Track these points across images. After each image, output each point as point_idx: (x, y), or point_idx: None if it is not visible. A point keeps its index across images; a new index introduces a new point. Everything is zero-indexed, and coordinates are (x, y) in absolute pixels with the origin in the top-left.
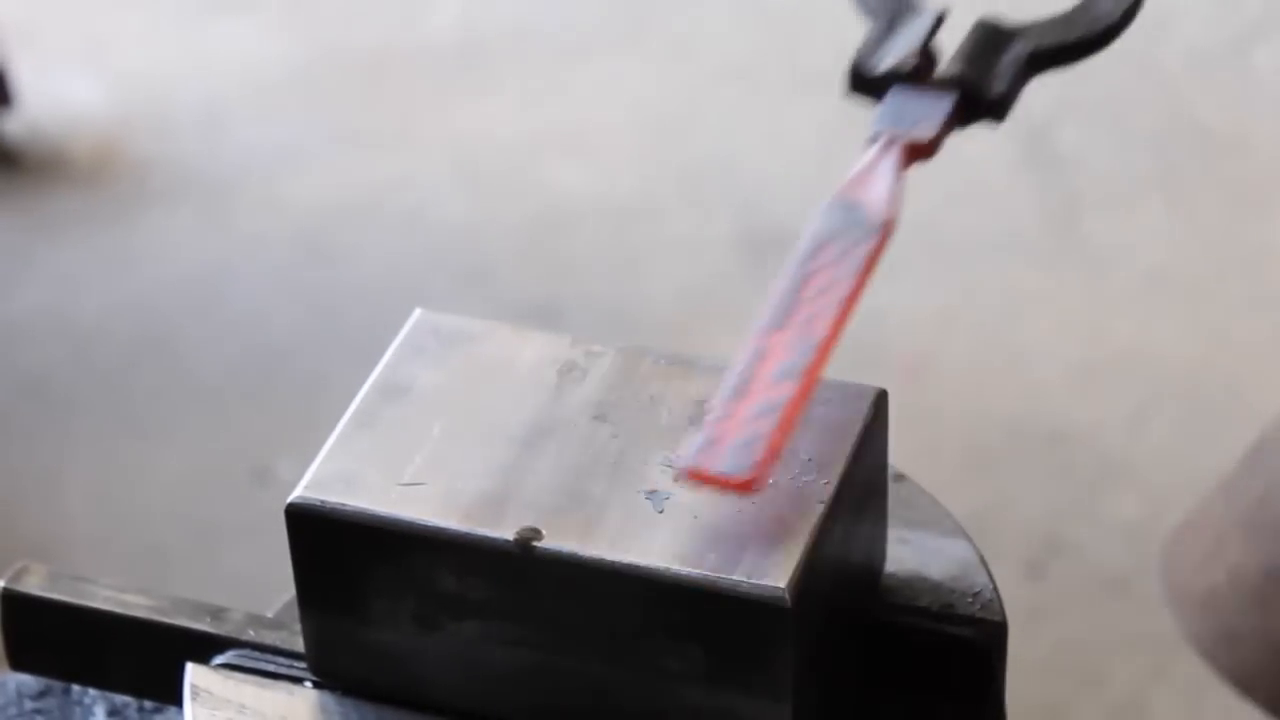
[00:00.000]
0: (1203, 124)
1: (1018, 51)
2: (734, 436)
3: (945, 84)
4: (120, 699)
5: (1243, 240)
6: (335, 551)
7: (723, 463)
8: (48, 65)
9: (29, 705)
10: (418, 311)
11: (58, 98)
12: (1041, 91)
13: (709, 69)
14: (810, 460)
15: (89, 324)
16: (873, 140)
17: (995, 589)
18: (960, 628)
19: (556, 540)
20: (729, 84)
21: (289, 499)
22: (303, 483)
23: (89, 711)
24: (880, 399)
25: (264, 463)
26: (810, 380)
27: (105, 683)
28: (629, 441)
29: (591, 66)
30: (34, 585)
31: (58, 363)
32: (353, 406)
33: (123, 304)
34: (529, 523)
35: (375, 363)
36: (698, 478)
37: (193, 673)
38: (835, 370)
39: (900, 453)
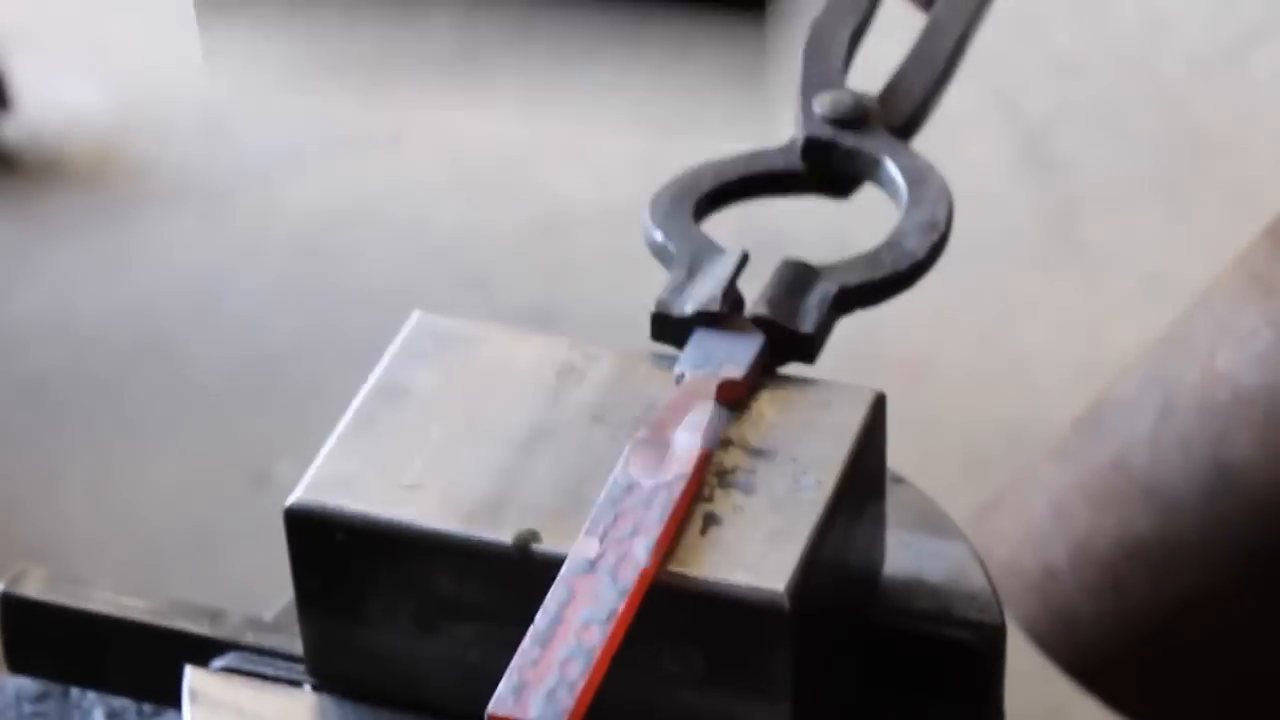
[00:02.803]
0: (1201, 128)
1: (824, 291)
2: (543, 683)
3: (751, 325)
4: (119, 702)
5: (1241, 243)
6: (334, 554)
7: (533, 712)
8: (46, 68)
9: (28, 708)
10: (416, 314)
11: (56, 101)
12: (1040, 95)
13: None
14: (808, 463)
15: (87, 327)
16: (678, 382)
17: (994, 591)
18: (958, 630)
19: (555, 542)
20: (728, 84)
21: (287, 501)
22: (301, 485)
23: (87, 714)
24: (878, 402)
25: (262, 465)
26: (620, 627)
27: (104, 685)
28: (628, 444)
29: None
30: (32, 588)
31: (55, 366)
32: (351, 409)
33: (121, 307)
34: (528, 525)
35: (373, 366)
36: None
37: (191, 676)
38: (834, 373)
39: (899, 455)
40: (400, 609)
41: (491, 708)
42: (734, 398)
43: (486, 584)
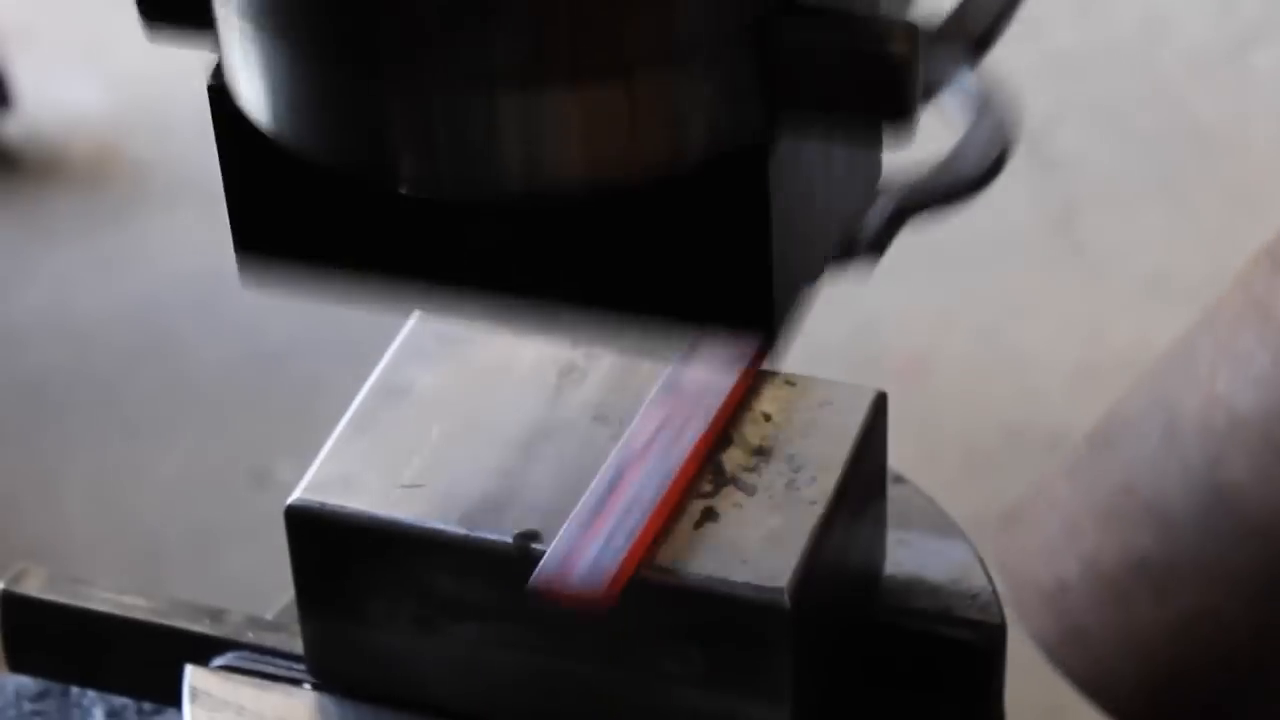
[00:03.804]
0: (1202, 126)
1: (883, 206)
2: (588, 553)
3: None
4: (119, 701)
5: (1241, 242)
6: (334, 553)
7: (576, 580)
8: (47, 67)
9: (28, 707)
10: (416, 314)
11: (57, 100)
12: (1041, 93)
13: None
14: (809, 462)
15: (87, 326)
16: None
17: (994, 591)
18: (959, 630)
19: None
20: None
21: (288, 501)
22: (302, 484)
23: (88, 713)
24: (879, 401)
25: (262, 465)
26: (669, 500)
27: (104, 684)
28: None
29: None
30: (33, 587)
31: (56, 365)
32: (352, 408)
33: (121, 306)
34: (529, 524)
35: (374, 365)
36: (550, 594)
37: (192, 674)
38: (834, 373)
39: (899, 455)
40: (400, 608)
41: (536, 575)
42: None
43: (487, 583)
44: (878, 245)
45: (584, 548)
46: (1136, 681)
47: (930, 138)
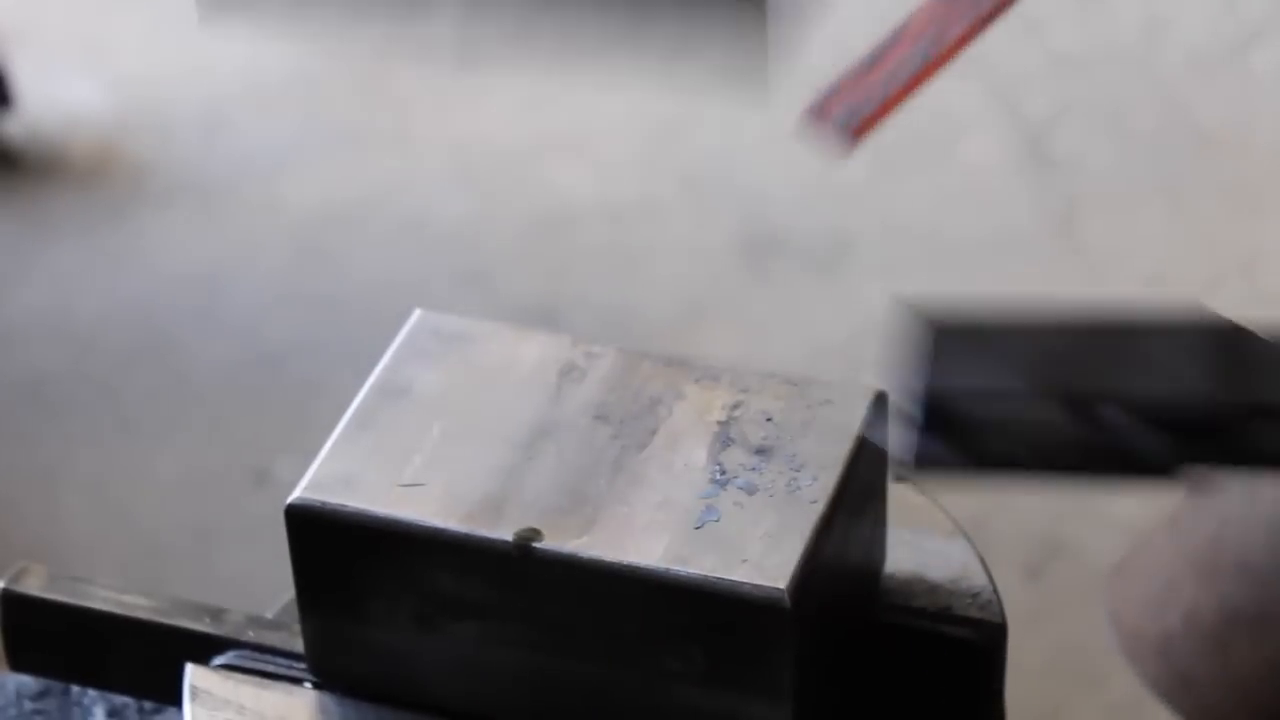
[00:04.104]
0: (1201, 126)
1: None
2: (852, 97)
3: None
4: (119, 699)
5: (1241, 242)
6: (335, 552)
7: (836, 117)
8: (47, 67)
9: (28, 705)
10: (417, 312)
11: (57, 99)
12: (1041, 94)
13: (709, 69)
14: (810, 461)
15: (87, 325)
16: None
17: (995, 590)
18: (959, 629)
19: (556, 541)
20: (729, 84)
21: (288, 500)
22: (302, 483)
23: (88, 712)
24: (880, 400)
25: (262, 464)
26: (928, 70)
27: (104, 683)
28: (629, 442)
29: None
30: (33, 586)
31: (55, 364)
32: (352, 407)
33: (121, 305)
34: (529, 523)
35: (374, 364)
36: (814, 119)
37: (192, 673)
38: (834, 373)
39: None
40: (401, 607)
41: (809, 106)
42: None
43: (487, 582)
44: None
45: (851, 88)
46: None
47: None
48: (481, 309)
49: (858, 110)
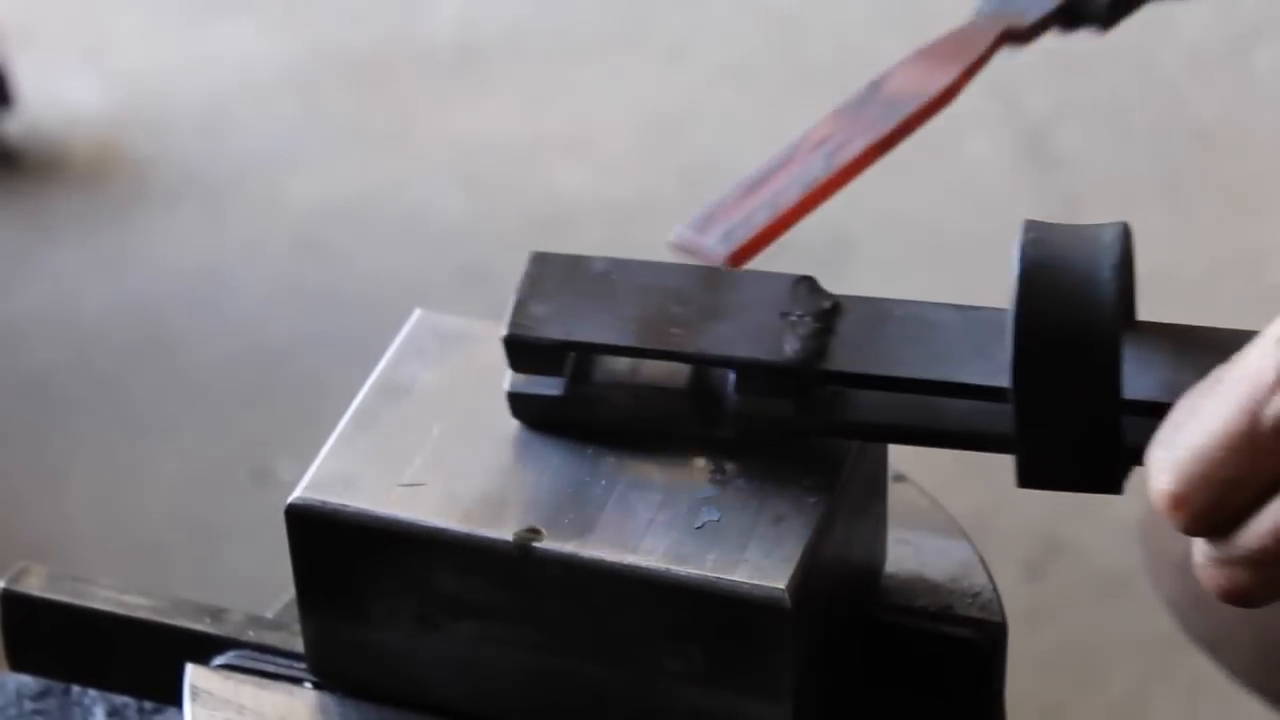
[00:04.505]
0: (1202, 125)
1: None
2: (728, 219)
3: None
4: (120, 699)
5: (1242, 241)
6: (335, 552)
7: (709, 239)
8: (47, 65)
9: (29, 706)
10: (418, 311)
11: (57, 98)
12: (1041, 93)
13: (708, 69)
14: (810, 460)
15: (88, 324)
16: (973, 18)
17: (995, 589)
18: (960, 628)
19: (556, 540)
20: (728, 83)
21: (289, 499)
22: (303, 483)
23: (89, 712)
24: None
25: (263, 463)
26: (814, 196)
27: (105, 683)
28: (629, 441)
29: (591, 66)
30: (34, 585)
31: (57, 363)
32: (352, 407)
33: (122, 304)
34: (529, 523)
35: (375, 363)
36: (683, 249)
37: (192, 673)
38: None
39: (900, 453)
40: (401, 607)
41: (676, 233)
42: (1015, 41)
43: (487, 582)
44: (1112, 15)
45: (728, 213)
46: (1250, 644)
47: None
48: (482, 307)
49: (735, 233)
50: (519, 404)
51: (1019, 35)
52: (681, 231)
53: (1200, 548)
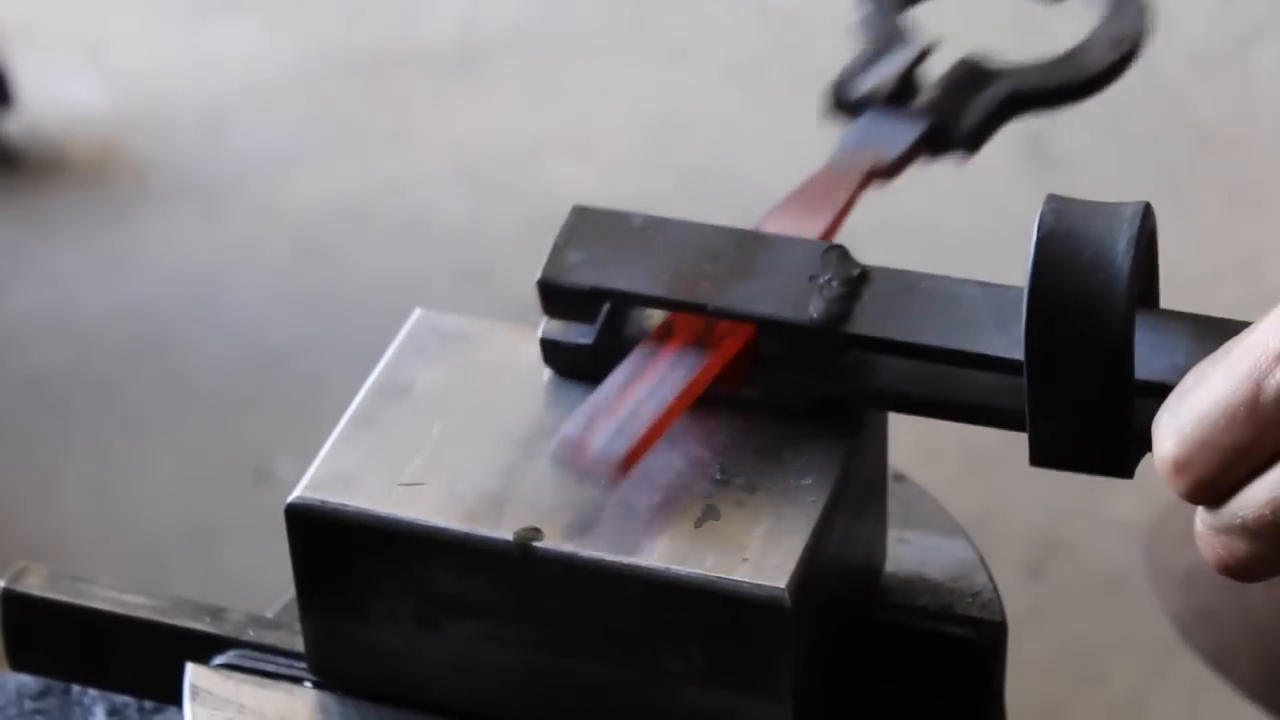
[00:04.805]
0: (1202, 125)
1: (996, 91)
2: (612, 420)
3: (918, 112)
4: (120, 699)
5: (1242, 240)
6: (335, 551)
7: (597, 450)
8: (47, 65)
9: (29, 705)
10: (418, 311)
11: (57, 98)
12: None
13: (709, 69)
14: (810, 459)
15: (88, 324)
16: (835, 157)
17: (995, 589)
18: (960, 628)
19: (556, 540)
20: (729, 84)
21: (289, 499)
22: (303, 483)
23: (89, 711)
24: None
25: (263, 463)
26: (697, 387)
27: (105, 683)
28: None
29: (591, 67)
30: (34, 585)
31: (56, 363)
32: (352, 406)
33: (122, 304)
34: (529, 523)
35: (375, 363)
36: (568, 460)
37: (192, 673)
38: None
39: (900, 453)
40: (401, 606)
41: (561, 434)
42: (881, 177)
43: (487, 582)
44: (980, 131)
45: (613, 411)
46: (1253, 657)
47: (1053, 30)
48: (482, 307)
49: (619, 439)
50: (550, 350)
51: (884, 172)
52: (567, 433)
53: (1201, 515)
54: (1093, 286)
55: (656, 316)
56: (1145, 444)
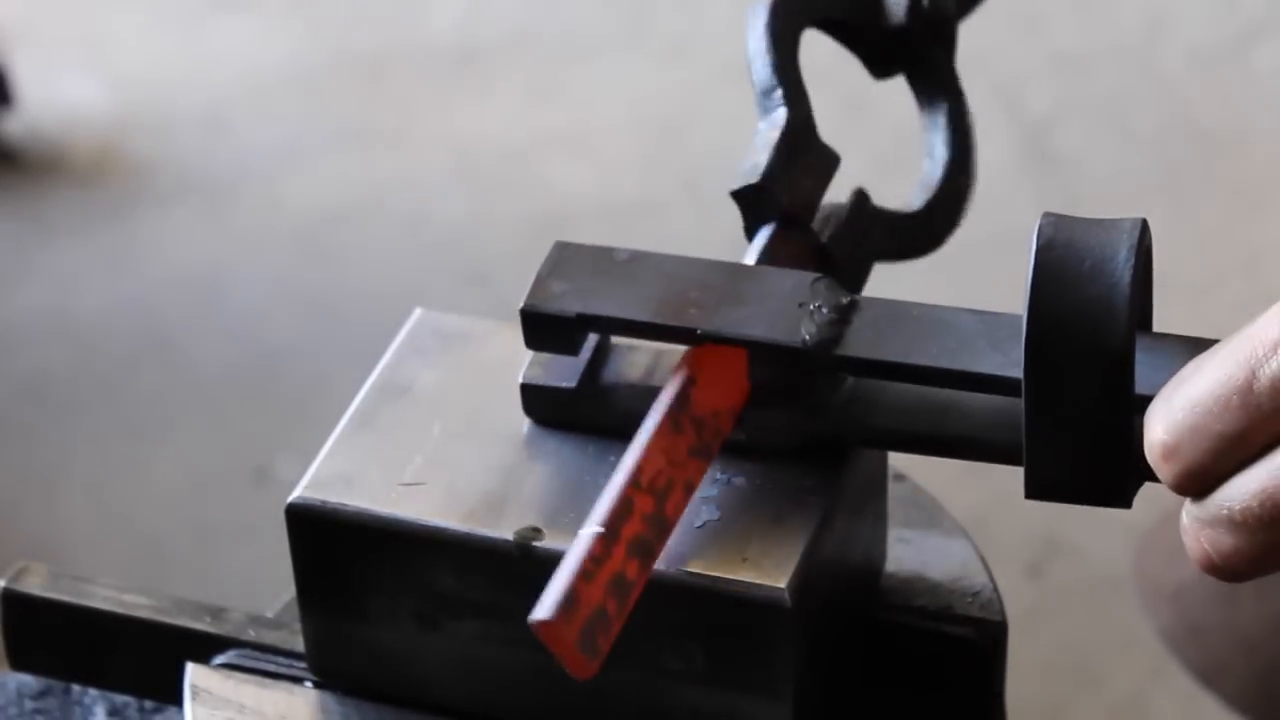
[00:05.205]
0: (1202, 124)
1: (872, 241)
2: (592, 609)
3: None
4: (120, 699)
5: (1242, 240)
6: (335, 551)
7: (578, 643)
8: (48, 65)
9: (29, 705)
10: (418, 311)
11: (58, 98)
12: (1042, 92)
13: (709, 69)
14: (810, 460)
15: (88, 324)
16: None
17: (995, 589)
18: (960, 627)
19: (557, 540)
20: (729, 84)
21: (289, 499)
22: (303, 482)
23: (89, 711)
24: None
25: (263, 462)
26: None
27: (105, 682)
28: (630, 440)
29: (591, 67)
30: (34, 585)
31: (57, 363)
32: (353, 406)
33: (122, 304)
34: (529, 522)
35: (375, 362)
36: (559, 648)
37: (193, 672)
38: None
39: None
40: (401, 606)
41: (535, 617)
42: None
43: (487, 581)
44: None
45: (592, 596)
46: (1242, 672)
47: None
48: (482, 308)
49: (594, 630)
50: (530, 397)
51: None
52: (541, 618)
53: (1187, 508)
54: (1094, 295)
55: (640, 364)
56: (1144, 471)
